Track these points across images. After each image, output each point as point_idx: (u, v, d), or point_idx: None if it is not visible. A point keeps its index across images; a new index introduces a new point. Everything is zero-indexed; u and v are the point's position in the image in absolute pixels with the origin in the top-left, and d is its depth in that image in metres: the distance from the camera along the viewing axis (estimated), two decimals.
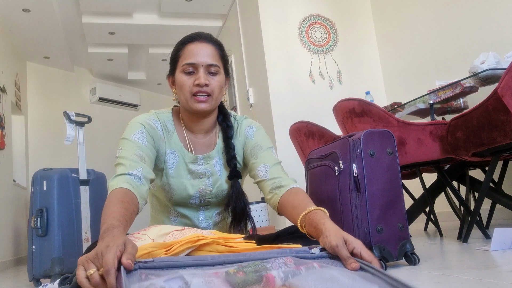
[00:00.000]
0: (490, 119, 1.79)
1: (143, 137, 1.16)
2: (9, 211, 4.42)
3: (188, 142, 1.27)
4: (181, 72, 1.20)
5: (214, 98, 1.20)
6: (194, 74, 1.18)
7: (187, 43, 1.22)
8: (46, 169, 2.59)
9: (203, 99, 1.18)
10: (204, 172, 1.27)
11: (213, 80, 1.19)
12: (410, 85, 3.92)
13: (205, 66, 1.18)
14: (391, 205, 1.54)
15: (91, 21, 4.86)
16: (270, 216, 3.92)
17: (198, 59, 1.18)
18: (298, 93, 3.95)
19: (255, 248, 0.87)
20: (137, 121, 1.21)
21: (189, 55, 1.19)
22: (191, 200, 1.28)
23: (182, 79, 1.19)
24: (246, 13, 4.46)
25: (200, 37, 1.22)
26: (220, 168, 1.29)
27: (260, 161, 1.23)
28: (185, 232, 0.90)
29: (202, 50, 1.19)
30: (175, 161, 1.25)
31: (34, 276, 2.43)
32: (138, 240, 0.89)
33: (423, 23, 3.76)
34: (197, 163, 1.27)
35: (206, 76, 1.18)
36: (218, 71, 1.21)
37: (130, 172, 1.06)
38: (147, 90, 7.26)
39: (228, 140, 1.28)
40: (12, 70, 5.01)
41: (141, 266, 0.69)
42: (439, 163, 2.27)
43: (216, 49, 1.23)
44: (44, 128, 5.71)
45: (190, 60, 1.18)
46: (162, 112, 1.30)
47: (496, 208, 2.72)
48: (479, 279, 1.14)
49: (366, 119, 2.24)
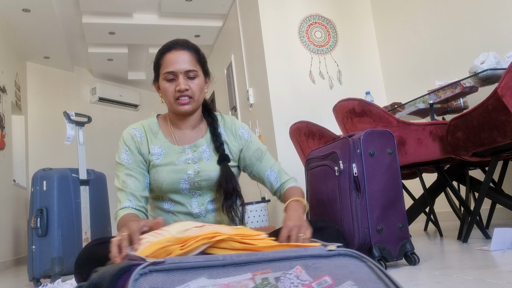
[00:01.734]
0: (490, 119, 1.79)
1: (128, 157, 1.36)
2: (9, 211, 4.42)
3: (174, 136, 1.40)
4: (163, 79, 1.33)
5: (195, 99, 1.34)
6: (175, 81, 1.32)
7: (166, 52, 1.34)
8: (46, 169, 2.59)
9: (185, 102, 1.32)
10: (192, 158, 1.37)
11: (192, 83, 1.33)
12: (410, 85, 3.92)
13: (183, 73, 1.31)
14: (391, 205, 1.54)
15: (91, 21, 4.86)
16: (270, 216, 3.92)
17: (176, 67, 1.31)
18: (298, 93, 3.95)
19: (272, 246, 0.86)
20: (121, 139, 1.39)
21: (168, 64, 1.32)
22: (182, 185, 1.35)
23: (165, 86, 1.33)
24: (246, 13, 4.46)
25: (176, 45, 1.35)
26: (209, 155, 1.39)
27: (266, 164, 1.46)
28: (204, 228, 0.90)
29: (180, 57, 1.32)
30: (162, 153, 1.37)
31: (34, 276, 2.43)
32: (158, 236, 0.90)
33: (423, 23, 3.76)
34: (184, 153, 1.38)
35: (185, 81, 1.32)
36: (196, 75, 1.34)
37: (126, 206, 1.30)
38: (147, 90, 7.26)
39: (215, 130, 1.42)
40: (12, 70, 5.01)
41: (151, 270, 0.68)
42: (439, 163, 2.27)
43: (193, 54, 1.35)
44: (44, 128, 5.71)
45: (169, 68, 1.31)
46: (148, 119, 1.45)
47: (496, 208, 2.72)
48: (479, 279, 1.14)
49: (366, 119, 2.24)
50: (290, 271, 0.71)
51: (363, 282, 0.72)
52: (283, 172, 1.47)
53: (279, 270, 0.73)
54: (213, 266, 0.71)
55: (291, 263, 0.75)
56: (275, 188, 1.46)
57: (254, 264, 0.73)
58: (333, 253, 0.79)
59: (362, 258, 0.78)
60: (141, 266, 0.67)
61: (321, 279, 0.71)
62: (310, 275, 0.72)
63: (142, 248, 0.84)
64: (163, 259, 0.70)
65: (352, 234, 1.48)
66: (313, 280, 0.71)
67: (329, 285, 0.70)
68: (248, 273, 0.71)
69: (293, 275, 0.71)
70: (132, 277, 0.65)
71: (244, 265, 0.72)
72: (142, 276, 0.67)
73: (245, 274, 0.71)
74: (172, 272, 0.68)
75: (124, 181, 1.33)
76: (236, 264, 0.72)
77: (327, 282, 0.70)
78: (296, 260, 0.76)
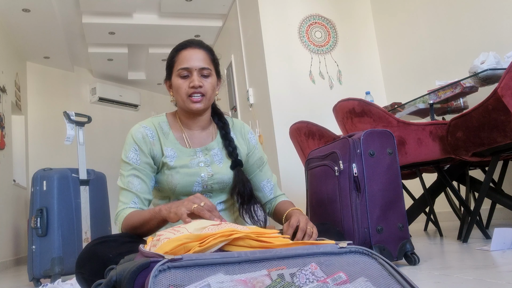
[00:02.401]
0: (490, 119, 1.79)
1: (137, 156, 1.32)
2: (9, 211, 4.42)
3: (186, 137, 1.39)
4: (177, 76, 1.34)
5: (207, 97, 1.34)
6: (189, 78, 1.32)
7: (181, 49, 1.36)
8: (46, 169, 2.59)
9: (198, 99, 1.32)
10: (204, 161, 1.37)
11: (206, 81, 1.33)
12: (410, 85, 3.92)
13: (198, 70, 1.32)
14: (391, 205, 1.54)
15: (91, 21, 4.86)
16: None
17: (192, 63, 1.32)
18: (298, 93, 3.95)
19: (288, 244, 0.88)
20: (130, 137, 1.35)
21: (183, 61, 1.33)
22: (195, 188, 1.35)
23: (178, 82, 1.33)
24: (246, 13, 4.46)
25: (192, 43, 1.36)
26: (220, 158, 1.40)
27: (265, 174, 1.48)
28: (221, 226, 0.92)
29: (195, 55, 1.33)
30: (175, 156, 1.36)
31: (34, 276, 2.43)
32: (176, 232, 0.90)
33: (423, 23, 3.76)
34: (196, 155, 1.37)
35: (199, 78, 1.32)
36: (210, 74, 1.35)
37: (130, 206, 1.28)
38: (147, 90, 7.27)
39: (227, 135, 1.42)
40: (12, 70, 5.01)
41: (169, 266, 0.70)
42: (439, 163, 2.27)
43: (207, 54, 1.37)
44: (44, 128, 5.71)
45: (184, 65, 1.32)
46: (157, 117, 1.43)
47: (496, 208, 2.72)
48: (479, 279, 1.14)
49: (366, 119, 2.24)
50: (305, 268, 0.73)
51: (375, 278, 0.73)
52: (277, 186, 1.51)
53: (294, 267, 0.75)
54: (229, 263, 0.73)
55: (304, 260, 0.77)
56: (268, 198, 1.47)
57: (268, 261, 0.75)
58: (344, 251, 0.82)
59: (373, 255, 0.80)
60: (160, 263, 0.69)
61: (335, 275, 0.73)
62: (324, 271, 0.74)
63: (161, 244, 0.85)
64: (181, 256, 0.72)
65: (352, 234, 1.48)
66: (328, 276, 0.73)
67: (343, 281, 0.71)
68: (264, 269, 0.73)
69: (309, 272, 0.72)
70: (152, 273, 0.67)
71: (259, 262, 0.74)
72: (161, 272, 0.69)
73: (261, 270, 0.73)
74: (190, 268, 0.70)
75: (130, 181, 1.30)
76: (251, 261, 0.74)
77: (341, 278, 0.72)
78: (309, 257, 0.78)
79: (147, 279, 0.68)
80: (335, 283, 0.71)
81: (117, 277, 0.76)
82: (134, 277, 0.72)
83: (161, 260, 0.70)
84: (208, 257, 0.74)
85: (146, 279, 0.69)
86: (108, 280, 0.76)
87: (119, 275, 0.76)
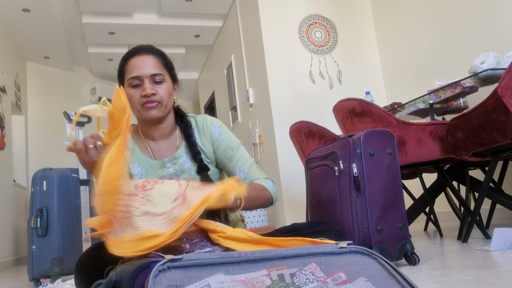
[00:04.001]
0: (490, 119, 1.79)
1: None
2: (9, 211, 4.42)
3: (151, 150, 1.32)
4: (128, 86, 1.24)
5: (164, 105, 1.25)
6: (141, 86, 1.23)
7: (129, 58, 1.27)
8: (46, 169, 2.59)
9: (152, 105, 1.23)
10: (174, 172, 1.31)
11: (159, 88, 1.24)
12: (410, 85, 3.92)
13: (149, 77, 1.23)
14: (391, 205, 1.54)
15: (91, 21, 4.86)
16: (270, 216, 3.92)
17: (142, 71, 1.23)
18: (298, 93, 3.95)
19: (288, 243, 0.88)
20: None
21: (132, 69, 1.24)
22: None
23: (130, 92, 1.24)
24: (246, 13, 4.46)
25: (141, 50, 1.27)
26: (190, 165, 1.33)
27: (236, 164, 1.33)
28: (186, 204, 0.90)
29: (145, 62, 1.24)
30: (143, 172, 1.30)
31: (34, 276, 2.43)
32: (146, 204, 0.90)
33: (423, 23, 3.76)
34: (165, 167, 1.31)
35: (152, 86, 1.23)
36: (163, 79, 1.25)
37: None
38: None
39: (189, 138, 1.32)
40: (12, 70, 5.01)
41: (169, 266, 0.70)
42: (439, 163, 2.27)
43: (158, 59, 1.27)
44: (44, 128, 5.71)
45: (134, 73, 1.23)
46: None
47: (496, 208, 2.72)
48: (479, 279, 1.14)
49: (366, 119, 2.24)
50: (305, 268, 0.73)
51: (376, 278, 0.73)
52: (256, 171, 1.34)
53: (293, 267, 0.75)
54: (229, 263, 0.73)
55: (304, 260, 0.77)
56: None
57: (268, 261, 0.75)
58: (344, 251, 0.82)
59: (373, 255, 0.80)
60: (160, 263, 0.70)
61: (335, 275, 0.73)
62: (324, 271, 0.74)
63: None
64: (180, 256, 0.73)
65: (352, 234, 1.48)
66: (328, 276, 0.73)
67: (343, 281, 0.72)
68: (263, 269, 0.74)
69: (309, 272, 0.73)
70: (152, 273, 0.67)
71: (259, 262, 0.75)
72: (161, 272, 0.69)
73: (261, 270, 0.73)
74: (190, 268, 0.71)
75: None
76: (251, 261, 0.75)
77: (341, 278, 0.72)
78: (309, 257, 0.78)
79: (147, 279, 0.68)
80: (335, 283, 0.71)
81: (117, 277, 0.76)
82: (134, 277, 0.73)
83: (161, 260, 0.71)
84: (208, 257, 0.74)
85: (146, 279, 0.70)
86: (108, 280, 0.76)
87: (119, 275, 0.76)
